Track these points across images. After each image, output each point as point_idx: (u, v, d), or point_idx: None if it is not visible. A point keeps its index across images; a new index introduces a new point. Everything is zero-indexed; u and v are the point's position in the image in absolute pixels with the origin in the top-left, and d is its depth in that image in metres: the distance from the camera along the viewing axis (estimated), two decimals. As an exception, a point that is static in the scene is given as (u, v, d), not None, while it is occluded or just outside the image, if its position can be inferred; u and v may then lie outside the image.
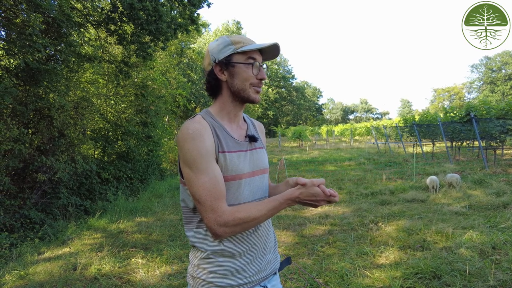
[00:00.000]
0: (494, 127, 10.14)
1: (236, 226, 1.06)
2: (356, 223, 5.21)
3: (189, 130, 1.08)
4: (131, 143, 9.12)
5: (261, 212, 1.08)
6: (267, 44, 1.16)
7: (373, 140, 23.68)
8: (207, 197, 1.05)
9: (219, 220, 1.05)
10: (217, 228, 1.05)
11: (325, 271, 3.53)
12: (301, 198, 1.08)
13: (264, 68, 1.20)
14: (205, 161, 1.07)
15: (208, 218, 1.06)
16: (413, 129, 15.60)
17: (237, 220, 1.06)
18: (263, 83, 1.21)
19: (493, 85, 50.08)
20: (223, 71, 1.17)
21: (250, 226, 1.10)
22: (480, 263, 3.37)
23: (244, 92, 1.17)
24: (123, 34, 6.88)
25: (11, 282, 3.56)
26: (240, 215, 1.06)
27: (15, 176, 5.62)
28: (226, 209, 1.07)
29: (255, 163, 1.23)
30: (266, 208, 1.09)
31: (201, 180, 1.06)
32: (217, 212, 1.05)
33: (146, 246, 4.70)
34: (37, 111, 5.92)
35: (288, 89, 57.65)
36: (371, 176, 9.98)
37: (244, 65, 1.15)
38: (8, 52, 5.33)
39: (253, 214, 1.07)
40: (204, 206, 1.06)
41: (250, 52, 1.16)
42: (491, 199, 6.08)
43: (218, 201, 1.06)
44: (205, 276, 1.13)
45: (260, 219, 1.09)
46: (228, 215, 1.06)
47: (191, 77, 19.65)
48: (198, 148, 1.06)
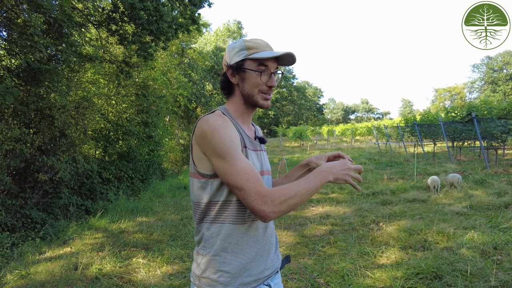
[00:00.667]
0: (495, 127, 10.11)
1: (282, 204, 1.03)
2: (357, 223, 5.20)
3: (218, 121, 1.09)
4: (132, 143, 9.14)
5: (303, 186, 1.06)
6: (280, 53, 1.16)
7: (374, 140, 23.66)
8: (250, 181, 1.03)
9: (266, 200, 1.02)
10: (266, 208, 1.02)
11: (326, 271, 3.53)
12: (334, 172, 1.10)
13: (279, 74, 1.22)
14: (238, 148, 1.08)
15: (254, 202, 1.02)
16: (414, 129, 15.57)
17: (283, 196, 1.03)
18: (273, 90, 1.21)
19: (495, 85, 49.94)
20: (235, 75, 1.19)
21: (295, 204, 1.05)
22: (481, 264, 3.36)
23: (253, 98, 1.19)
24: (124, 34, 6.89)
25: (13, 282, 3.57)
26: (285, 192, 1.04)
27: (17, 176, 5.63)
28: (269, 189, 1.05)
29: (263, 164, 1.26)
30: (305, 184, 1.07)
31: (239, 166, 1.04)
32: (261, 194, 1.03)
33: (147, 246, 4.70)
34: (38, 111, 5.93)
35: (289, 89, 57.60)
36: (372, 176, 9.97)
37: (255, 72, 1.16)
38: (9, 52, 5.34)
39: (295, 190, 1.05)
40: (247, 191, 1.03)
41: (263, 59, 1.16)
42: (492, 199, 6.06)
43: (259, 183, 1.04)
44: (212, 275, 1.12)
45: (303, 196, 1.05)
46: (272, 193, 1.03)
47: (192, 77, 19.66)
48: (230, 136, 1.08)
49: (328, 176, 1.09)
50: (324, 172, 1.09)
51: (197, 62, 19.77)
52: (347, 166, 1.12)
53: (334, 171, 1.10)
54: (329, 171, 1.10)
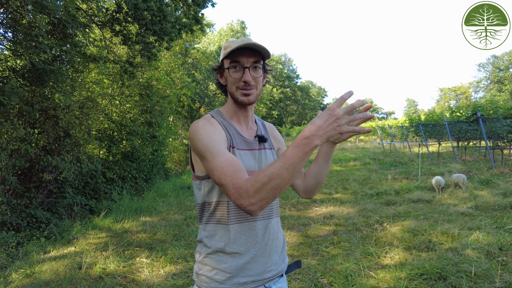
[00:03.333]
0: (501, 126, 10.03)
1: (259, 192, 0.91)
2: (361, 223, 5.18)
3: (199, 123, 1.13)
4: (136, 143, 9.18)
5: (278, 165, 0.90)
6: (236, 46, 1.11)
7: (378, 140, 23.55)
8: (227, 175, 0.97)
9: (241, 192, 0.93)
10: (243, 201, 0.92)
11: (330, 271, 3.51)
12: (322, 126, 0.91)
13: (258, 66, 1.16)
14: (218, 144, 1.06)
15: (232, 196, 0.95)
16: (418, 129, 15.48)
17: (257, 184, 0.91)
18: (252, 85, 1.16)
19: (501, 84, 49.42)
20: (221, 76, 1.24)
21: (276, 187, 0.91)
22: (486, 265, 3.33)
23: (234, 95, 1.20)
24: (128, 34, 6.92)
25: (18, 281, 3.59)
26: (258, 178, 0.91)
27: (22, 175, 5.68)
28: (244, 179, 0.95)
29: (264, 163, 1.24)
30: (283, 160, 0.91)
31: (218, 162, 1.00)
32: (237, 186, 0.94)
33: (150, 245, 4.72)
34: (43, 111, 5.97)
35: (292, 88, 57.49)
36: (376, 176, 9.93)
37: (230, 69, 1.17)
38: (14, 53, 5.39)
39: (269, 172, 0.90)
40: (226, 186, 0.97)
41: (233, 55, 1.15)
42: (498, 199, 6.01)
43: (237, 175, 0.97)
44: (208, 272, 1.14)
45: (283, 176, 0.90)
46: (246, 183, 0.93)
47: (196, 77, 19.71)
48: (209, 135, 1.08)
49: (314, 140, 0.90)
50: (307, 139, 0.90)
51: (200, 62, 19.81)
52: (333, 116, 0.91)
53: (320, 132, 0.90)
54: (314, 134, 0.90)
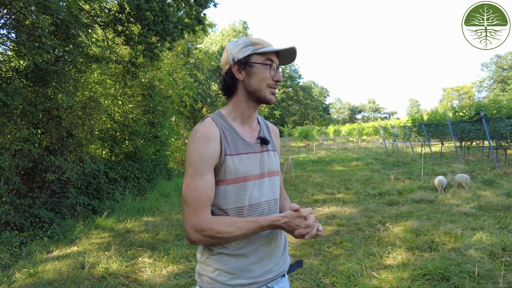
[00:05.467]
0: (504, 126, 9.97)
1: (212, 237, 1.07)
2: (364, 223, 5.17)
3: (197, 134, 1.12)
4: (138, 143, 9.19)
5: (241, 231, 1.08)
6: (285, 47, 1.17)
7: (381, 140, 23.48)
8: (195, 200, 1.07)
9: (197, 225, 1.06)
10: (193, 233, 1.06)
11: (332, 271, 3.51)
12: (284, 227, 1.11)
13: (280, 71, 1.22)
14: (205, 165, 1.10)
15: (188, 221, 1.07)
16: (421, 129, 15.42)
17: (213, 231, 1.06)
18: (278, 85, 1.22)
19: (504, 83, 49.13)
20: (241, 70, 1.19)
21: (227, 241, 1.10)
22: (489, 265, 3.31)
23: (261, 93, 1.18)
24: (130, 34, 6.93)
25: (21, 280, 3.61)
26: (219, 228, 1.07)
27: (25, 175, 5.71)
28: (207, 216, 1.08)
29: (266, 165, 1.23)
30: (247, 228, 1.09)
31: (195, 182, 1.09)
32: (198, 218, 1.07)
33: (153, 245, 4.73)
34: (46, 112, 6.00)
35: (295, 88, 57.43)
36: (378, 176, 9.90)
37: (262, 66, 1.17)
38: (17, 54, 5.41)
39: (231, 230, 1.07)
40: (189, 208, 1.08)
41: (269, 54, 1.18)
42: (501, 199, 5.98)
43: (203, 207, 1.08)
44: (211, 273, 1.14)
45: (238, 237, 1.09)
46: (207, 224, 1.07)
47: (198, 77, 19.73)
48: (200, 151, 1.09)
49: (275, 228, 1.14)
50: (272, 227, 1.12)
51: (203, 62, 19.83)
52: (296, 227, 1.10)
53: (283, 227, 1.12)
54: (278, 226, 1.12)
